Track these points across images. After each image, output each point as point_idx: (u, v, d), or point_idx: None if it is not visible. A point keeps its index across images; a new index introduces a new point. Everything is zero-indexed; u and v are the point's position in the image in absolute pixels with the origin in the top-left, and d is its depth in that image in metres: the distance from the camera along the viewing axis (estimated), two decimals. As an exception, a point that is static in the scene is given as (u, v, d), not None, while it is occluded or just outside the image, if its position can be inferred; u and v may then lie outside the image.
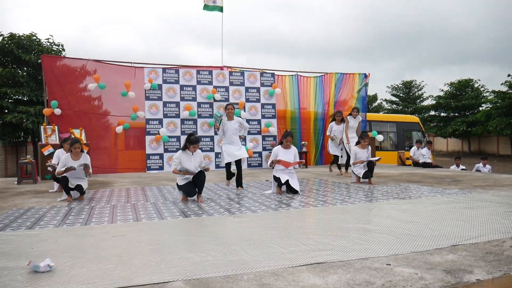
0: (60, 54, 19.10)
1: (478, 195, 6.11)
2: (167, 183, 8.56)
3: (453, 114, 36.19)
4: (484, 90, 35.14)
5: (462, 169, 12.16)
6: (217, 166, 12.17)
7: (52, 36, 19.75)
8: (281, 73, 13.89)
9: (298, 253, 3.16)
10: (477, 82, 35.97)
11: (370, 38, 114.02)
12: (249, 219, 4.65)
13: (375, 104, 47.82)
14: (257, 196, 6.52)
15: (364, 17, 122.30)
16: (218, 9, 13.16)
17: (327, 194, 6.61)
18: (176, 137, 12.12)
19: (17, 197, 6.86)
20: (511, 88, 28.62)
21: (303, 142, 13.13)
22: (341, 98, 14.48)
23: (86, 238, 3.85)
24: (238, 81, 13.00)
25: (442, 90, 37.30)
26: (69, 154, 6.51)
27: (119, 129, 11.79)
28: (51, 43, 19.54)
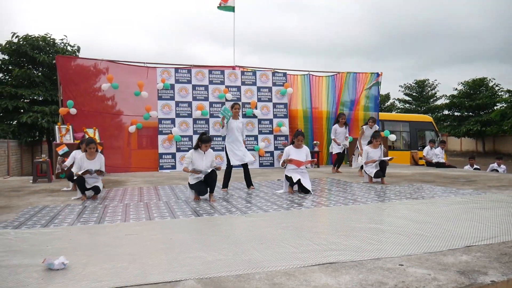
0: (75, 55, 19.34)
1: (493, 196, 6.03)
2: (180, 182, 8.61)
3: (467, 114, 35.70)
4: (499, 89, 34.63)
5: (475, 169, 12.00)
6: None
7: (66, 37, 20.03)
8: (293, 73, 13.88)
9: (310, 253, 3.16)
10: (492, 81, 35.45)
11: (382, 37, 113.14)
12: (261, 219, 4.65)
13: (388, 104, 47.45)
14: (269, 196, 6.52)
15: (376, 16, 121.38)
16: (230, 9, 13.21)
17: (339, 194, 6.58)
18: (188, 137, 12.18)
19: (32, 196, 6.97)
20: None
21: (315, 142, 13.10)
22: (354, 98, 14.40)
23: (100, 237, 3.89)
24: (250, 81, 13.02)
25: (456, 89, 36.86)
26: (84, 154, 6.58)
27: (132, 129, 11.90)
28: (66, 44, 19.80)
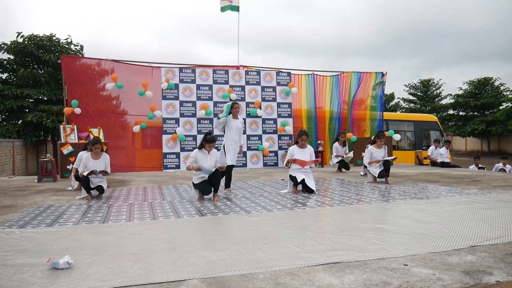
0: (80, 54, 19.41)
1: (498, 196, 6.00)
2: (184, 182, 8.62)
3: (472, 113, 35.51)
4: (504, 89, 34.46)
5: (480, 168, 11.94)
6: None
7: (71, 36, 20.10)
8: (297, 72, 13.88)
9: (314, 253, 3.15)
10: (497, 81, 35.28)
11: (387, 37, 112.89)
12: (265, 218, 4.65)
13: (393, 103, 47.29)
14: (273, 195, 6.52)
15: (380, 15, 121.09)
16: (235, 9, 13.21)
17: (343, 194, 6.57)
18: (193, 136, 12.20)
19: (37, 195, 7.00)
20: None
21: (319, 141, 13.08)
22: (358, 97, 14.38)
23: (104, 236, 3.90)
24: (254, 80, 13.02)
25: (461, 89, 36.70)
26: (90, 154, 6.60)
27: (137, 128, 11.93)
28: (70, 43, 19.87)
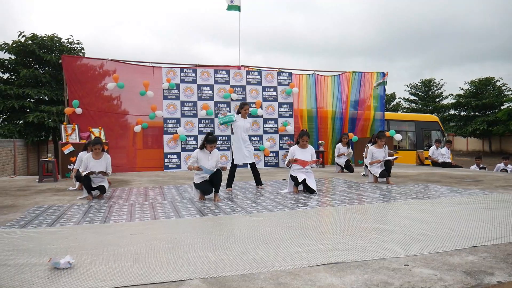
0: (80, 54, 19.42)
1: (499, 196, 5.99)
2: (185, 182, 8.62)
3: (474, 113, 35.45)
4: (506, 89, 34.40)
5: (481, 168, 11.93)
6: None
7: (72, 36, 20.10)
8: (299, 72, 13.87)
9: (315, 253, 3.15)
10: (499, 81, 35.21)
11: (388, 37, 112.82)
12: (266, 218, 4.65)
13: (394, 103, 47.25)
14: (274, 195, 6.52)
15: (381, 15, 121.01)
16: (236, 9, 13.21)
17: (345, 194, 6.57)
18: (194, 136, 12.20)
19: (38, 195, 7.00)
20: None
21: (320, 141, 13.07)
22: (359, 97, 14.37)
23: (105, 236, 3.90)
24: (255, 80, 13.02)
25: (462, 89, 36.65)
26: (91, 154, 6.60)
27: (138, 128, 11.93)
28: (71, 42, 19.88)
